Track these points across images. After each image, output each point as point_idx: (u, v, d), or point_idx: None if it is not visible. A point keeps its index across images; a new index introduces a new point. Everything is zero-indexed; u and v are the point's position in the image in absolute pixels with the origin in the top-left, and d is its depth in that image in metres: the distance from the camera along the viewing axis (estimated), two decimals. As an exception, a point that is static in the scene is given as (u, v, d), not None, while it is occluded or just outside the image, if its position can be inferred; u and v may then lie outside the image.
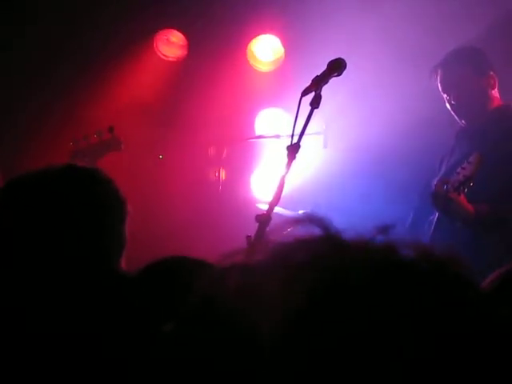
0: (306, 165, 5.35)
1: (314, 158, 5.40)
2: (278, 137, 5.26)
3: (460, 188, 3.61)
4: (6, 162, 4.12)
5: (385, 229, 0.74)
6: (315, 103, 3.16)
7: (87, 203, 1.95)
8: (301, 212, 5.08)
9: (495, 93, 4.12)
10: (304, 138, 3.21)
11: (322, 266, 0.69)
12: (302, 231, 0.75)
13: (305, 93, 3.18)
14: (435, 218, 3.95)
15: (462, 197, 3.63)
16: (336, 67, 3.22)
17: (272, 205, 3.05)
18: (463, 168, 3.64)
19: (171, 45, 5.76)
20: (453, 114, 4.13)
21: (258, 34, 5.78)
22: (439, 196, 3.66)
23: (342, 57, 3.27)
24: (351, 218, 4.84)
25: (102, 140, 4.18)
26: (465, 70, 4.07)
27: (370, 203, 5.24)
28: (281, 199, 3.11)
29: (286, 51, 5.79)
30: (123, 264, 2.02)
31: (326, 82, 3.22)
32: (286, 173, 3.09)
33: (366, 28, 5.37)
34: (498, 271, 1.42)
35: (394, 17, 5.27)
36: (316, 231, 0.75)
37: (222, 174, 5.52)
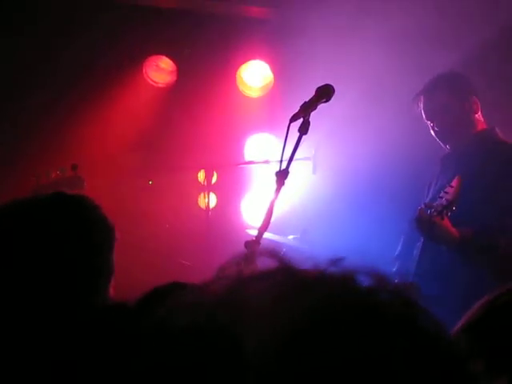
0: (295, 190, 5.36)
1: (304, 184, 5.41)
2: (267, 162, 5.27)
3: (443, 212, 3.62)
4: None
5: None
6: (303, 129, 3.16)
7: (75, 230, 1.94)
8: (290, 237, 5.09)
9: (478, 116, 4.14)
10: (293, 163, 3.21)
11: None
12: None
13: (293, 119, 3.18)
14: (421, 243, 3.95)
15: (446, 220, 3.64)
16: (324, 93, 3.23)
17: (261, 230, 3.04)
18: (446, 192, 3.65)
19: (160, 71, 5.77)
20: (437, 140, 4.15)
21: (247, 60, 5.80)
22: (423, 220, 3.66)
23: (331, 83, 3.29)
24: (340, 243, 4.84)
25: (65, 177, 4.11)
26: (446, 97, 4.08)
27: (359, 228, 5.25)
28: (270, 225, 3.10)
29: (275, 77, 5.81)
30: (112, 292, 2.01)
31: (315, 108, 3.23)
32: (275, 198, 3.09)
33: (353, 55, 5.41)
34: (485, 298, 1.41)
35: (382, 44, 5.32)
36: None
37: (212, 200, 5.52)
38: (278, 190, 3.10)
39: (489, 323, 1.37)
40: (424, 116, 4.17)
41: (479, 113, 4.14)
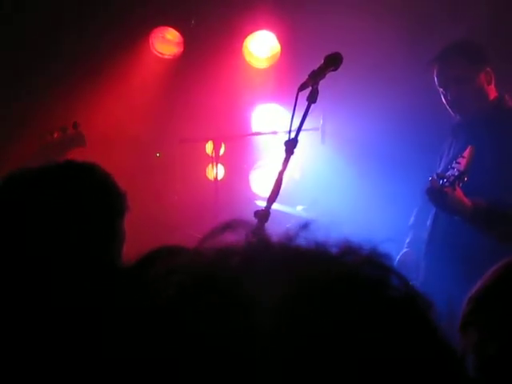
0: (304, 161, 5.35)
1: (312, 154, 5.40)
2: (275, 133, 5.25)
3: (455, 182, 3.56)
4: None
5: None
6: (312, 98, 3.15)
7: (87, 197, 1.95)
8: (299, 208, 5.08)
9: (491, 88, 4.08)
10: (301, 133, 3.20)
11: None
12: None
13: (302, 88, 3.17)
14: (433, 213, 3.93)
15: (458, 191, 3.59)
16: (332, 61, 3.21)
17: (270, 201, 3.03)
18: (457, 162, 3.60)
19: (167, 42, 5.75)
20: (448, 108, 4.10)
21: (254, 31, 5.75)
22: (434, 191, 3.61)
23: (339, 51, 3.26)
24: (350, 214, 4.83)
25: (66, 135, 4.22)
26: (463, 67, 4.00)
27: (370, 199, 5.23)
28: (279, 195, 3.09)
29: (282, 47, 5.76)
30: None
31: (323, 77, 3.20)
32: (284, 168, 3.08)
33: (363, 24, 5.36)
34: (494, 267, 1.41)
35: (390, 16, 5.28)
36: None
37: (220, 171, 5.51)
38: (286, 159, 3.09)
39: (488, 293, 1.37)
40: (437, 82, 4.09)
41: (492, 83, 4.09)
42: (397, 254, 4.20)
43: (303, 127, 3.21)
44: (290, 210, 4.85)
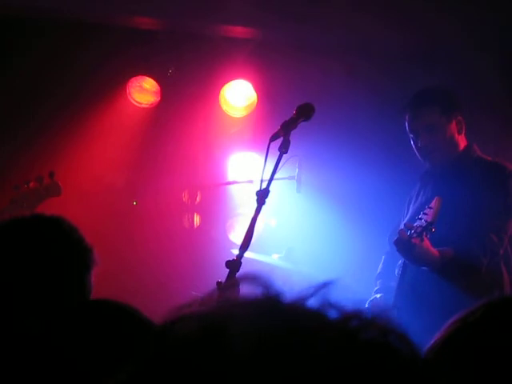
0: (280, 209, 5.37)
1: (288, 203, 5.42)
2: (251, 182, 5.27)
3: (423, 233, 3.56)
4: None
5: (321, 287, 0.76)
6: (284, 148, 3.17)
7: (51, 253, 1.94)
8: (275, 256, 5.08)
9: (461, 137, 4.05)
10: (276, 182, 3.21)
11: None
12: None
13: (273, 138, 3.19)
14: (401, 263, 3.93)
15: (426, 242, 3.58)
16: (304, 112, 3.24)
17: (242, 248, 3.03)
18: (425, 213, 3.60)
19: (144, 91, 5.78)
20: (417, 154, 4.09)
21: (231, 80, 5.80)
22: (402, 242, 3.60)
23: (311, 102, 3.29)
24: (323, 262, 4.84)
25: (42, 185, 4.22)
26: (434, 117, 3.97)
27: (343, 247, 5.25)
28: (254, 244, 3.10)
29: (258, 96, 5.80)
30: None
31: (295, 127, 3.23)
32: (256, 217, 3.09)
33: (338, 73, 5.44)
34: (457, 316, 1.41)
35: (363, 67, 5.37)
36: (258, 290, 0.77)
37: (196, 219, 5.51)
38: (258, 209, 3.10)
39: (456, 341, 1.37)
40: (408, 129, 4.06)
41: (463, 133, 4.08)
42: (365, 301, 4.19)
43: (279, 176, 3.23)
44: (266, 258, 4.86)
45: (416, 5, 5.06)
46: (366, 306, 4.16)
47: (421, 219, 3.59)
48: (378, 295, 4.19)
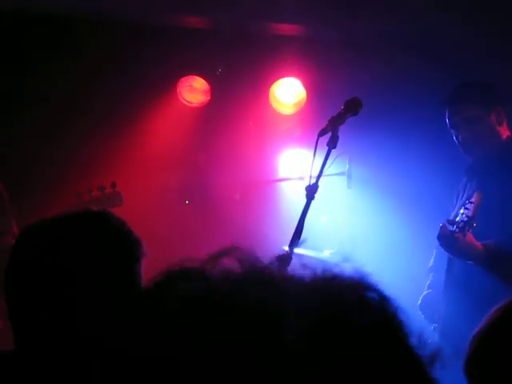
0: (331, 205, 5.37)
1: (339, 199, 5.42)
2: (302, 178, 5.29)
3: (465, 228, 3.56)
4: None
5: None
6: (332, 143, 3.18)
7: (102, 247, 1.98)
8: (326, 252, 5.09)
9: (503, 128, 4.05)
10: (327, 178, 3.23)
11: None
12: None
13: (321, 133, 3.21)
14: (447, 257, 3.91)
15: (469, 236, 3.57)
16: (351, 107, 3.25)
17: (291, 245, 3.06)
18: (466, 208, 3.60)
19: (194, 91, 5.83)
20: (460, 149, 4.08)
21: (280, 77, 5.81)
22: (445, 237, 3.61)
23: (362, 97, 3.29)
24: (375, 257, 4.83)
25: (104, 194, 4.30)
26: (474, 110, 3.98)
27: (395, 242, 5.23)
28: (305, 240, 3.12)
29: (308, 93, 5.81)
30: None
31: (343, 122, 3.24)
32: (305, 213, 3.11)
33: (386, 68, 5.42)
34: (497, 306, 1.42)
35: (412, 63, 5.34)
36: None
37: (249, 216, 5.54)
38: (307, 204, 3.12)
39: (489, 332, 1.38)
40: (448, 124, 4.09)
41: (505, 123, 4.06)
42: (418, 295, 4.19)
43: (330, 172, 3.24)
44: (317, 254, 4.86)
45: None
46: (420, 300, 4.17)
47: (462, 214, 3.59)
48: (430, 291, 4.19)
